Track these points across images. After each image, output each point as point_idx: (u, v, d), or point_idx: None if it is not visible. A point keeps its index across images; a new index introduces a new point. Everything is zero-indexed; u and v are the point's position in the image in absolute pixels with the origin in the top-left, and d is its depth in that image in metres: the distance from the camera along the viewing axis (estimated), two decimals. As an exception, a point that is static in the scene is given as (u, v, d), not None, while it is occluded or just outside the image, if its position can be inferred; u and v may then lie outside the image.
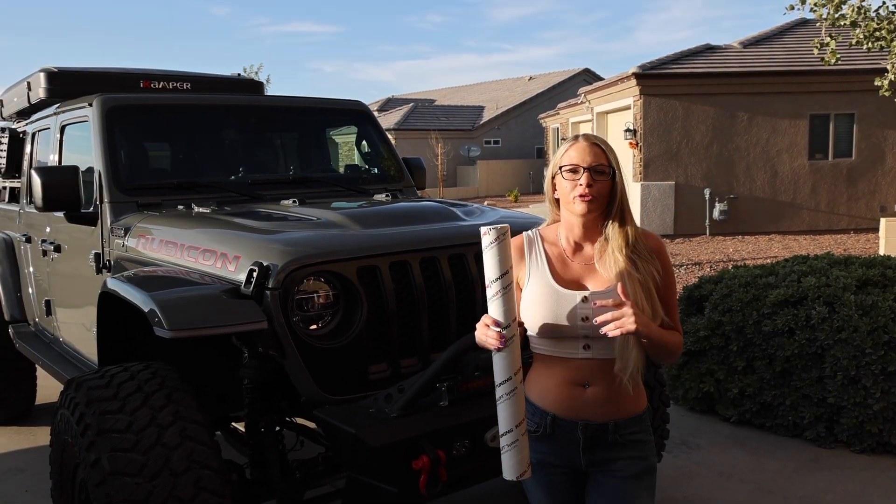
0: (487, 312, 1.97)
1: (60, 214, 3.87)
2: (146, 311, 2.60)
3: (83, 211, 3.76)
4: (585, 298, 2.03)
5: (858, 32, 9.86)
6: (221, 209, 3.62)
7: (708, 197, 14.92)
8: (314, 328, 2.74)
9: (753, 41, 16.84)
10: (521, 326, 2.06)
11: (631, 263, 2.02)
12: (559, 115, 24.93)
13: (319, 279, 2.74)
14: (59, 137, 4.34)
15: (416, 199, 4.39)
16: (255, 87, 5.51)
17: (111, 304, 3.03)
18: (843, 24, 9.98)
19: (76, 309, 4.18)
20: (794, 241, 13.82)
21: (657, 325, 2.01)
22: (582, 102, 20.02)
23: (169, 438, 2.43)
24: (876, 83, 10.53)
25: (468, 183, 32.03)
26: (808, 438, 4.68)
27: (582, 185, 2.02)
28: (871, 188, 15.39)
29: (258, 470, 2.92)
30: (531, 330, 2.09)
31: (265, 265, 2.66)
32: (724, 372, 4.99)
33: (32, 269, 4.85)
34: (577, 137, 2.11)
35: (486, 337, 1.95)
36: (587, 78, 34.02)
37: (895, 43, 9.68)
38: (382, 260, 2.85)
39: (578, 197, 2.03)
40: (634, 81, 15.06)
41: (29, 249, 4.85)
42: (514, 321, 1.95)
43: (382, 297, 2.84)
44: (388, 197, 3.96)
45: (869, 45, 9.86)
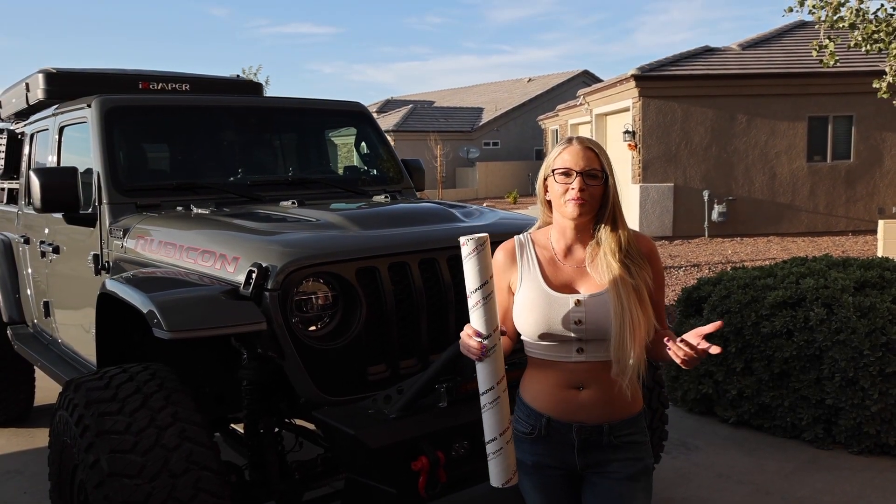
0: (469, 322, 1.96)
1: (59, 216, 3.86)
2: (145, 312, 2.60)
3: (82, 212, 3.76)
4: (578, 302, 2.02)
5: (857, 35, 9.89)
6: (220, 210, 3.62)
7: (707, 199, 14.92)
8: (313, 329, 2.74)
9: (752, 43, 16.84)
10: (516, 337, 2.07)
11: (624, 268, 2.01)
12: (558, 116, 24.94)
13: (318, 280, 2.74)
14: (57, 138, 4.34)
15: (414, 200, 4.40)
16: (254, 88, 5.50)
17: (110, 305, 3.03)
18: (841, 26, 10.01)
19: (75, 310, 4.18)
20: (792, 242, 13.83)
21: (649, 330, 2.01)
22: (581, 104, 20.02)
23: (168, 440, 2.43)
24: (874, 85, 10.56)
25: (467, 184, 32.05)
26: (806, 440, 4.69)
27: (574, 188, 2.01)
28: (869, 190, 15.40)
29: (257, 471, 2.92)
30: (524, 334, 2.09)
31: (264, 266, 2.67)
32: (722, 373, 4.99)
33: (31, 270, 4.84)
34: (570, 140, 2.08)
35: (468, 348, 1.94)
36: (586, 80, 34.06)
37: (893, 45, 9.70)
38: (381, 261, 2.85)
39: (570, 200, 2.02)
40: (633, 83, 15.06)
41: (27, 251, 4.85)
42: (495, 331, 1.94)
43: (381, 298, 2.84)
44: (387, 198, 3.97)
45: (867, 47, 9.89)
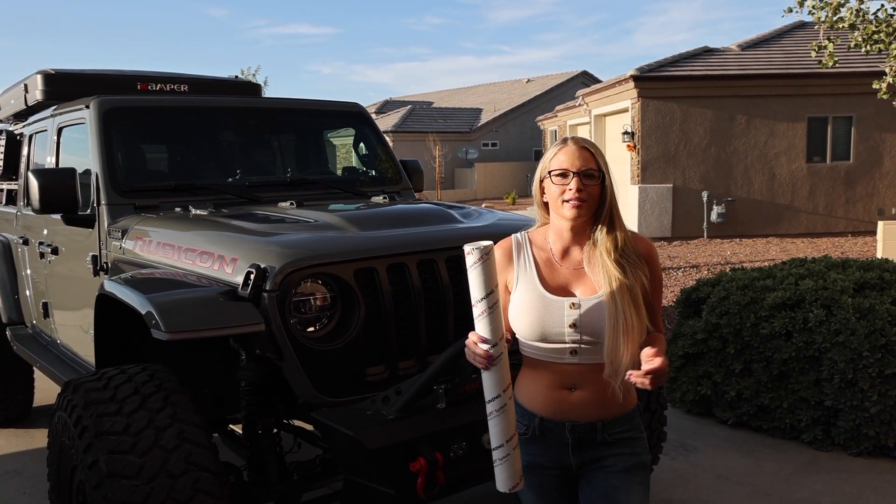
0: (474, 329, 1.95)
1: (58, 217, 3.86)
2: (143, 313, 2.60)
3: (80, 213, 3.76)
4: (573, 304, 2.02)
5: (857, 35, 9.89)
6: (219, 211, 3.62)
7: (706, 199, 14.92)
8: (311, 330, 2.73)
9: (752, 44, 16.84)
10: (511, 337, 2.06)
11: (620, 269, 2.00)
12: (557, 117, 24.93)
13: (317, 281, 2.74)
14: (56, 139, 4.34)
15: (413, 201, 4.40)
16: (252, 88, 5.51)
17: (108, 306, 3.03)
18: (841, 26, 10.00)
19: (73, 311, 4.18)
20: (791, 243, 13.83)
21: (643, 332, 2.01)
22: (580, 105, 20.01)
23: (166, 440, 2.43)
24: (874, 86, 10.56)
25: (466, 185, 32.04)
26: (805, 441, 4.69)
27: (572, 189, 2.00)
28: (868, 191, 15.40)
29: (256, 472, 2.92)
30: (519, 334, 2.09)
31: (262, 267, 2.67)
32: (721, 374, 4.99)
33: (30, 271, 4.84)
34: (565, 140, 2.07)
35: (474, 356, 1.94)
36: (585, 80, 34.05)
37: (893, 46, 9.70)
38: (380, 262, 2.85)
39: (568, 202, 2.01)
40: (632, 84, 15.06)
41: (26, 251, 4.85)
42: (501, 339, 1.93)
43: (380, 299, 2.84)
44: (385, 199, 3.96)
45: (867, 47, 9.88)
